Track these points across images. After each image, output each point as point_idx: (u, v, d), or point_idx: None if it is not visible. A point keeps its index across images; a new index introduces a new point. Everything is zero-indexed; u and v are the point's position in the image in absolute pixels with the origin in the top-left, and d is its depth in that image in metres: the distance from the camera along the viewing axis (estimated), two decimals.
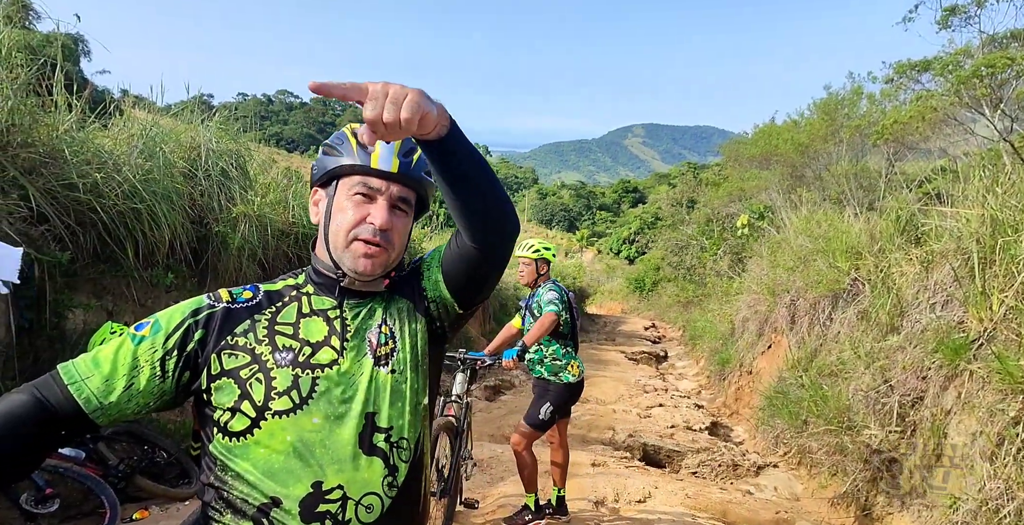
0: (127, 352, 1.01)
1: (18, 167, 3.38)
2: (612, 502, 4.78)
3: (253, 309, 1.10)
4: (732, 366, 10.07)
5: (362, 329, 1.11)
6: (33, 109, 3.59)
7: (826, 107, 10.65)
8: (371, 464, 1.04)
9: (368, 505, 1.02)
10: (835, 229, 7.18)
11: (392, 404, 1.07)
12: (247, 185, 5.45)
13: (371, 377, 1.07)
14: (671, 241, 22.51)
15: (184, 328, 1.04)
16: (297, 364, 1.04)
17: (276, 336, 1.06)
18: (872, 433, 3.94)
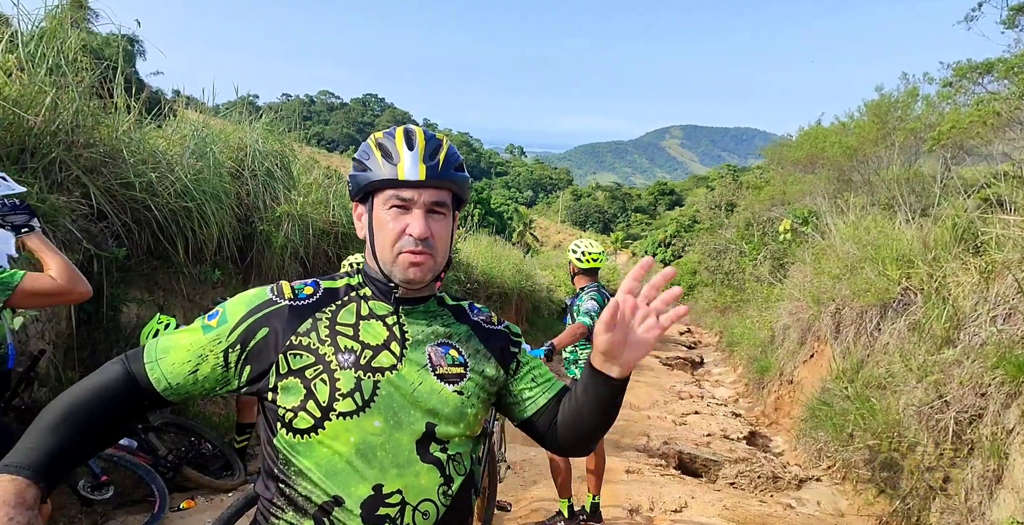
0: (196, 341, 1.06)
1: (80, 166, 3.53)
2: (647, 510, 4.71)
3: (314, 307, 1.11)
4: (772, 374, 9.81)
5: (421, 341, 1.12)
6: (96, 111, 3.74)
7: (878, 109, 10.25)
8: (428, 471, 1.05)
9: (424, 511, 1.03)
10: (885, 236, 6.92)
11: (453, 422, 1.08)
12: (291, 185, 5.57)
13: (435, 390, 1.08)
14: (709, 245, 22.08)
15: (248, 323, 1.07)
16: (359, 366, 1.05)
17: (338, 337, 1.07)
18: (925, 450, 3.77)
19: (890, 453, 4.18)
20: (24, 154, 3.28)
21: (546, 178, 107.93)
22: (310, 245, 5.94)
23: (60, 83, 3.46)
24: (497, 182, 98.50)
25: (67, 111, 3.47)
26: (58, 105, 3.43)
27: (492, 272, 13.19)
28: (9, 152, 3.19)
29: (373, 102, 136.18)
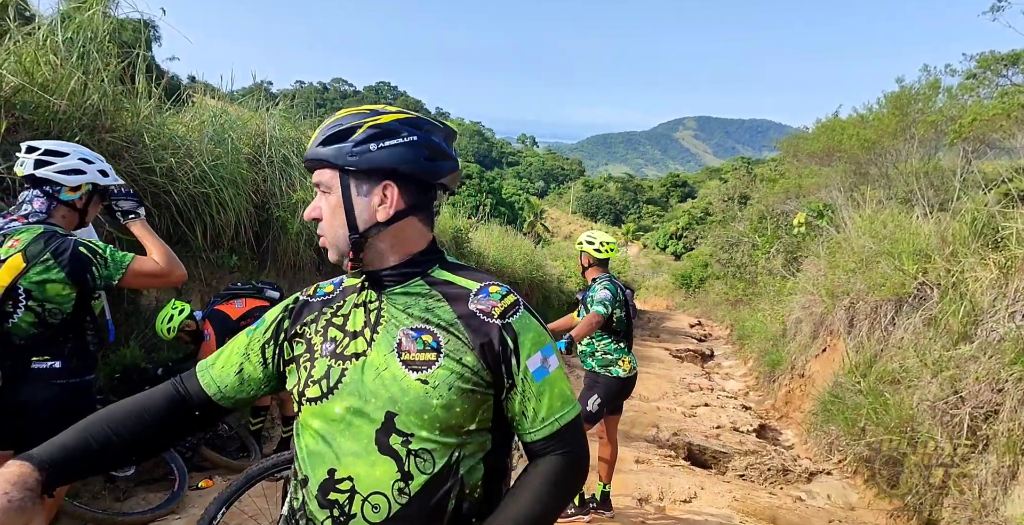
0: (240, 343, 1.16)
1: (103, 150, 3.57)
2: (657, 500, 4.74)
3: (327, 302, 1.15)
4: (783, 368, 9.78)
5: (393, 325, 1.05)
6: (118, 96, 3.78)
7: (898, 101, 10.08)
8: (383, 463, 0.99)
9: (375, 504, 0.99)
10: (902, 230, 6.85)
11: (416, 413, 0.99)
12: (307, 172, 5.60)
13: (396, 377, 1.01)
14: (721, 237, 21.93)
15: (279, 320, 1.16)
16: (334, 354, 1.06)
17: (330, 328, 1.10)
18: (939, 445, 3.76)
19: (903, 448, 4.17)
20: (49, 138, 3.32)
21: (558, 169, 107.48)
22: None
23: (88, 69, 3.50)
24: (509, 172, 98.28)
25: (93, 96, 3.51)
26: (86, 89, 3.47)
27: (503, 262, 13.21)
28: (35, 135, 3.24)
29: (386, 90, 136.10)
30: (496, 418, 1.06)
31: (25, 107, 3.18)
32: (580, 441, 1.03)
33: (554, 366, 1.04)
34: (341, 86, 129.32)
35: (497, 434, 1.07)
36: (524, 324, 1.04)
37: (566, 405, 1.03)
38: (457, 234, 10.49)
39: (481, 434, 1.04)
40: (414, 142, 1.05)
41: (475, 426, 1.02)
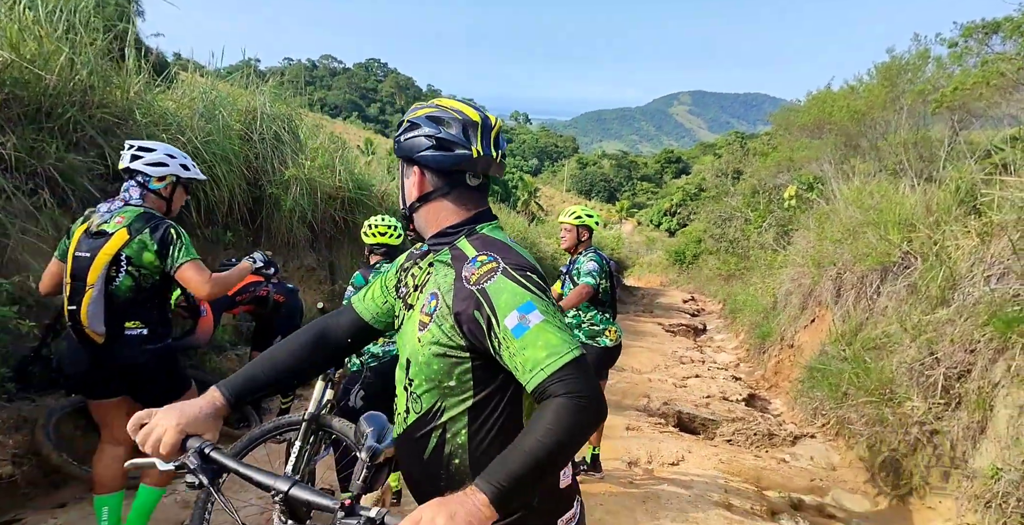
0: (381, 279, 1.46)
1: (95, 127, 3.60)
2: (645, 463, 4.91)
3: (419, 257, 1.37)
4: (773, 339, 9.97)
5: (429, 287, 1.26)
6: (107, 72, 3.79)
7: (888, 72, 10.04)
8: (401, 395, 1.31)
9: (399, 422, 1.32)
10: (888, 200, 6.94)
11: (416, 364, 1.23)
12: (298, 149, 5.62)
13: (412, 332, 1.25)
14: (714, 213, 21.99)
15: (401, 262, 1.44)
16: (404, 302, 1.35)
17: (408, 278, 1.36)
18: (914, 405, 3.91)
19: (881, 409, 4.33)
20: (40, 114, 3.35)
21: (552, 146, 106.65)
22: (318, 209, 6.02)
23: (75, 43, 3.50)
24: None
25: (82, 71, 3.52)
26: (73, 65, 3.48)
27: None
28: (26, 111, 3.26)
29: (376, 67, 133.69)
30: (479, 378, 1.18)
31: (15, 83, 3.19)
32: (578, 383, 1.04)
33: (535, 321, 1.08)
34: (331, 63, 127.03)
35: (481, 391, 1.18)
36: (498, 287, 1.12)
37: (552, 355, 1.06)
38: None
39: (461, 390, 1.19)
40: (427, 134, 1.24)
41: (454, 383, 1.19)
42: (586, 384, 1.05)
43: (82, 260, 2.31)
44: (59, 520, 2.98)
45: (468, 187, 1.28)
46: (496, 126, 1.30)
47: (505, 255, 1.18)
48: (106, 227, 2.34)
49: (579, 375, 1.05)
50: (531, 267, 1.18)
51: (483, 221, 1.30)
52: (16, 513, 2.99)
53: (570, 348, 1.07)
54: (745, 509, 3.91)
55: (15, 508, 3.01)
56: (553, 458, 0.99)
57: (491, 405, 1.19)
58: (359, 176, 7.24)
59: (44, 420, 3.11)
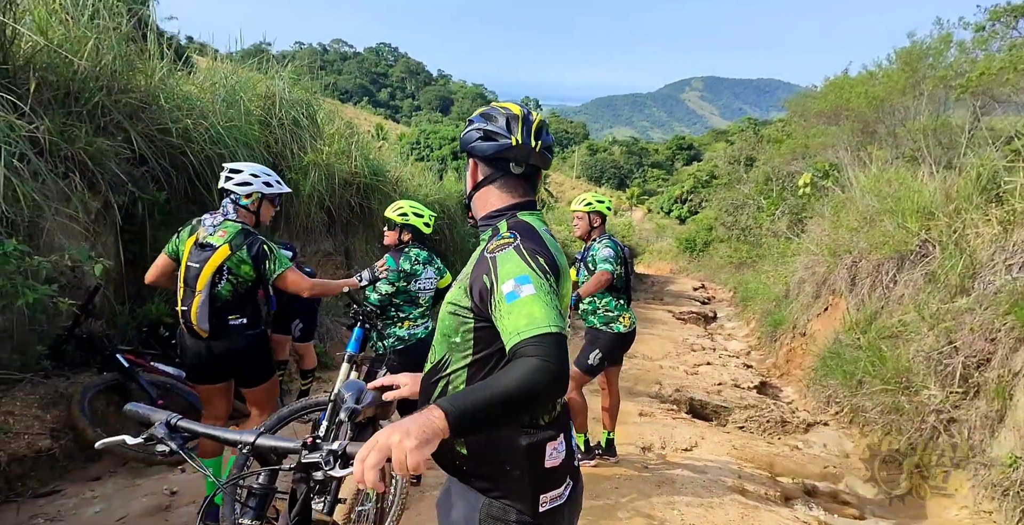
0: None
1: (121, 111, 3.64)
2: (659, 449, 4.95)
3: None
4: (785, 328, 9.95)
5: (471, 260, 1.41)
6: (131, 56, 3.81)
7: (908, 57, 9.85)
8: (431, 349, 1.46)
9: (425, 369, 1.46)
10: (907, 188, 6.87)
11: (439, 320, 1.41)
12: (316, 134, 5.63)
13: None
14: (726, 200, 21.83)
15: None
16: None
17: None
18: (931, 393, 3.92)
19: (897, 397, 4.34)
20: (69, 98, 3.39)
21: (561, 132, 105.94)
22: (335, 194, 6.06)
23: (101, 28, 3.53)
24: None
25: (107, 56, 3.55)
26: (99, 50, 3.51)
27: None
28: (56, 95, 3.30)
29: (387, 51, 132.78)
30: (478, 338, 1.32)
31: (45, 67, 3.23)
32: (549, 350, 1.11)
33: (527, 292, 1.18)
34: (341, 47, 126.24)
35: (480, 351, 1.33)
36: (505, 257, 1.26)
37: (531, 325, 1.13)
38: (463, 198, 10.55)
39: (464, 347, 1.34)
40: (476, 128, 1.44)
41: (459, 339, 1.34)
42: (557, 355, 1.11)
43: (193, 270, 2.72)
44: (96, 492, 3.09)
45: (513, 176, 1.44)
46: (536, 119, 1.45)
47: (526, 236, 1.31)
48: (211, 240, 2.74)
49: (553, 346, 1.12)
50: (544, 253, 1.29)
51: (524, 209, 1.45)
52: (55, 485, 3.11)
53: (550, 323, 1.14)
54: (759, 494, 3.95)
55: (54, 480, 3.13)
56: (507, 404, 1.06)
57: (488, 365, 1.32)
58: (374, 162, 7.26)
59: (79, 396, 3.22)
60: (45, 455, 3.06)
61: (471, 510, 1.31)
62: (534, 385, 1.07)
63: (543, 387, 1.08)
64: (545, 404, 1.30)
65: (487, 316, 1.26)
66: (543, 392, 1.09)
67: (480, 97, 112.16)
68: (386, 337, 3.27)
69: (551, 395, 1.12)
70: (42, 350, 3.21)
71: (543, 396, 1.10)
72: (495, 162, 1.43)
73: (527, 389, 1.06)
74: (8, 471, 2.89)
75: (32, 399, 3.13)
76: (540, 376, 1.07)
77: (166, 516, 2.99)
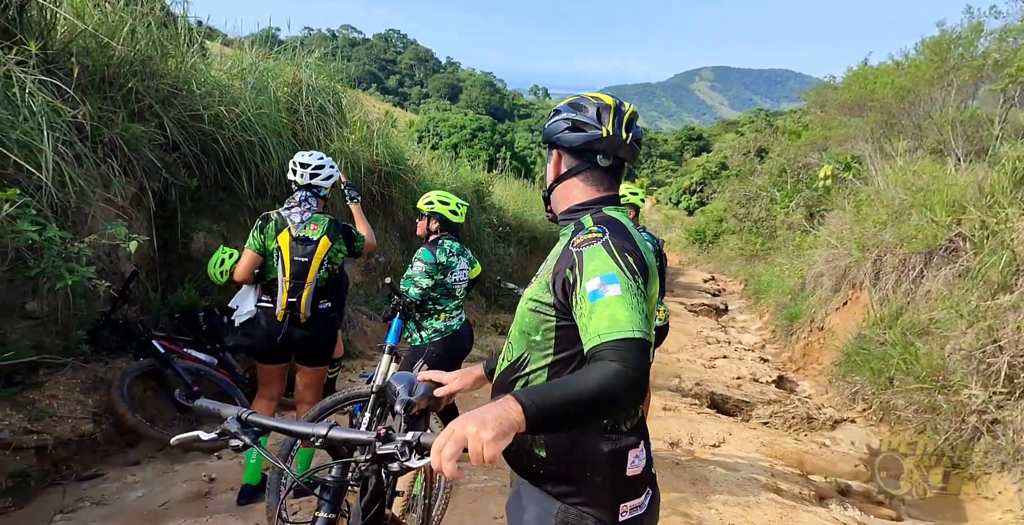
0: None
1: (153, 97, 3.58)
2: (687, 444, 4.91)
3: None
4: (801, 321, 9.86)
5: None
6: (164, 42, 3.75)
7: (937, 46, 9.66)
8: (505, 345, 1.40)
9: (499, 367, 1.40)
10: (937, 181, 6.75)
11: (517, 315, 1.36)
12: (342, 122, 5.56)
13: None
14: (738, 192, 21.64)
15: None
16: None
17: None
18: (973, 393, 3.85)
19: (933, 396, 4.27)
20: (104, 84, 3.33)
21: None
22: (359, 183, 6.00)
23: (136, 13, 3.46)
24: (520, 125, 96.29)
25: (142, 41, 3.49)
26: (134, 35, 3.44)
27: (523, 216, 13.18)
28: (92, 81, 3.25)
29: (395, 38, 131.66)
30: (560, 337, 1.26)
31: (82, 52, 3.17)
32: (630, 356, 1.06)
33: (612, 292, 1.11)
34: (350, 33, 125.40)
35: (561, 351, 1.27)
36: (593, 253, 1.19)
37: (613, 327, 1.08)
38: (478, 187, 10.47)
39: (544, 346, 1.28)
40: (564, 117, 1.38)
41: (539, 338, 1.28)
42: (638, 362, 1.06)
43: (300, 264, 2.91)
44: (137, 477, 3.10)
45: (600, 169, 1.37)
46: (629, 110, 1.39)
47: (615, 232, 1.24)
48: (308, 234, 2.95)
49: (634, 352, 1.07)
50: (634, 251, 1.21)
51: (609, 204, 1.38)
52: (97, 468, 3.14)
53: (634, 328, 1.08)
54: (794, 493, 3.91)
55: (96, 464, 3.16)
56: (583, 407, 1.02)
57: (571, 365, 1.25)
58: (395, 150, 7.19)
59: (118, 382, 3.22)
60: (88, 439, 3.08)
61: (545, 515, 1.26)
62: (612, 391, 1.02)
63: (621, 393, 1.04)
64: (621, 411, 1.24)
65: (570, 314, 1.21)
66: (620, 398, 1.05)
67: (489, 85, 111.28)
68: (424, 329, 3.23)
69: (628, 403, 1.08)
70: (82, 335, 3.22)
71: (620, 403, 1.06)
72: (581, 154, 1.37)
73: (605, 394, 1.02)
74: (54, 454, 2.91)
75: (74, 383, 3.14)
76: (619, 382, 1.03)
77: (206, 502, 2.99)
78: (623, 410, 1.24)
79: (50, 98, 2.83)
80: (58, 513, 2.71)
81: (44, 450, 2.84)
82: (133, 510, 2.81)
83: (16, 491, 2.68)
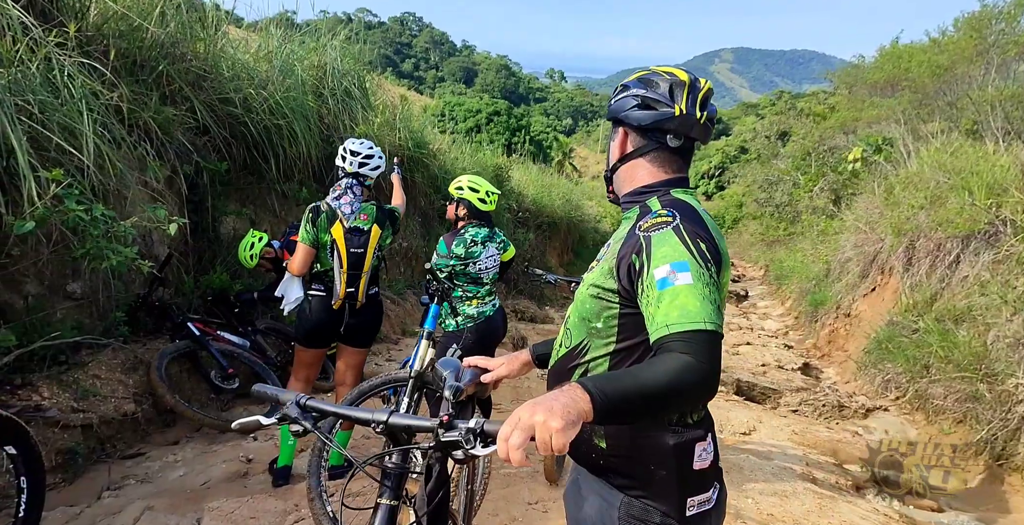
0: None
1: (183, 80, 3.56)
2: (717, 431, 4.86)
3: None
4: (827, 308, 9.68)
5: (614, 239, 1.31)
6: (193, 24, 3.71)
7: (977, 22, 9.27)
8: (561, 331, 1.36)
9: (556, 353, 1.36)
10: (977, 162, 6.52)
11: (577, 301, 1.30)
12: (367, 105, 5.51)
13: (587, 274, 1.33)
14: (760, 176, 21.26)
15: None
16: None
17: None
18: (1020, 382, 3.74)
19: (976, 385, 4.16)
20: (136, 67, 3.32)
21: (586, 105, 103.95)
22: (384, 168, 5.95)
23: None
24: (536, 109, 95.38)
25: (170, 24, 3.46)
26: (164, 17, 3.41)
27: (542, 201, 13.08)
28: (125, 64, 3.23)
29: (411, 21, 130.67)
30: (623, 325, 1.20)
31: (115, 35, 3.14)
32: (702, 349, 1.01)
33: (683, 281, 1.06)
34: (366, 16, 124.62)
35: (624, 340, 1.21)
36: (662, 238, 1.13)
37: (683, 317, 1.03)
38: (498, 172, 10.40)
39: (606, 334, 1.22)
40: (633, 94, 1.29)
41: (601, 325, 1.23)
42: (710, 356, 1.01)
43: (357, 254, 2.97)
44: (177, 457, 3.15)
45: (668, 149, 1.29)
46: (705, 88, 1.30)
47: (687, 217, 1.17)
48: (359, 224, 2.99)
49: (705, 345, 1.02)
50: (707, 238, 1.14)
51: (678, 186, 1.30)
52: (139, 447, 3.20)
53: (705, 319, 1.03)
54: (830, 483, 3.84)
55: (137, 443, 3.22)
56: (652, 399, 0.98)
57: (634, 355, 1.20)
58: (417, 134, 7.12)
59: (156, 362, 3.26)
60: (130, 418, 3.13)
61: (608, 507, 1.22)
62: (682, 385, 0.98)
63: (692, 388, 0.99)
64: (690, 406, 1.17)
65: (635, 301, 1.15)
66: (691, 393, 1.00)
67: (504, 68, 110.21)
68: (458, 314, 3.20)
69: (699, 397, 1.05)
70: (120, 317, 3.26)
71: (690, 397, 1.02)
72: (651, 133, 1.28)
73: (675, 387, 0.98)
74: (99, 433, 2.96)
75: (115, 364, 3.18)
76: (690, 376, 0.98)
77: (245, 482, 3.03)
78: (693, 405, 1.17)
79: (88, 80, 2.82)
80: (105, 489, 2.76)
81: (90, 428, 2.89)
82: (176, 488, 2.86)
83: (65, 468, 2.74)
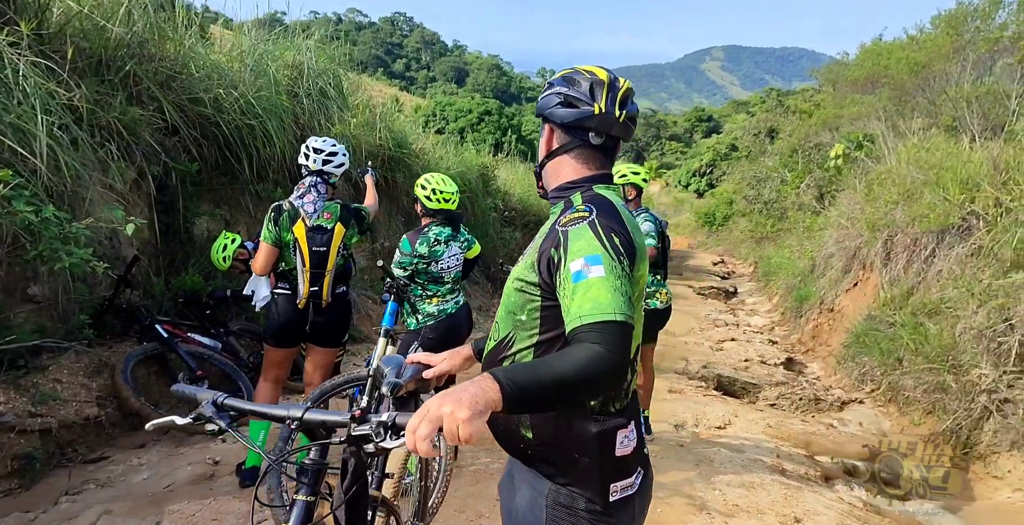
0: None
1: (151, 80, 3.56)
2: (692, 426, 4.91)
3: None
4: (811, 303, 9.77)
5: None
6: (161, 24, 3.71)
7: (953, 20, 9.36)
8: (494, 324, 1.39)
9: (487, 346, 1.40)
10: (951, 158, 6.60)
11: (504, 295, 1.34)
12: (343, 105, 5.51)
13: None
14: (748, 173, 21.36)
15: None
16: None
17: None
18: (983, 372, 3.80)
19: (943, 376, 4.22)
20: (101, 66, 3.31)
21: None
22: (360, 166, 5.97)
23: None
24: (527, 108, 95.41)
25: (139, 23, 3.45)
26: (130, 17, 3.41)
27: (528, 200, 13.10)
28: (89, 63, 3.23)
29: (402, 21, 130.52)
30: (545, 317, 1.25)
31: (79, 33, 3.14)
32: (611, 339, 1.04)
33: (596, 274, 1.09)
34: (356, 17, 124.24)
35: (546, 332, 1.25)
36: (578, 233, 1.16)
37: (595, 309, 1.06)
38: (483, 171, 10.40)
39: (530, 327, 1.27)
40: (556, 92, 1.33)
41: (525, 318, 1.27)
42: (619, 345, 1.05)
43: (320, 253, 2.94)
44: (142, 460, 3.14)
45: (592, 146, 1.33)
46: (623, 87, 1.34)
47: (603, 212, 1.21)
48: (322, 223, 2.96)
49: (616, 335, 1.05)
50: (621, 232, 1.18)
51: (601, 182, 1.34)
52: (103, 451, 3.18)
53: (616, 310, 1.06)
54: (799, 474, 3.89)
55: (101, 446, 3.20)
56: (561, 388, 1.00)
57: (555, 346, 1.24)
58: (398, 134, 7.13)
59: (122, 365, 3.25)
60: (92, 422, 3.11)
61: (537, 495, 1.25)
62: (591, 373, 1.01)
63: (600, 376, 1.02)
64: (599, 394, 1.20)
65: (555, 294, 1.19)
66: (600, 381, 1.03)
67: (496, 68, 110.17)
68: (418, 312, 3.22)
69: (608, 386, 1.08)
70: (84, 319, 3.25)
71: (599, 385, 1.05)
72: (573, 130, 1.32)
73: (584, 376, 1.01)
74: (59, 437, 2.95)
75: (78, 367, 3.17)
76: (599, 365, 1.02)
77: (211, 484, 3.02)
78: (602, 393, 1.21)
79: (44, 81, 2.81)
80: (63, 494, 2.75)
81: (49, 433, 2.87)
82: (138, 492, 2.85)
83: (22, 473, 2.72)
